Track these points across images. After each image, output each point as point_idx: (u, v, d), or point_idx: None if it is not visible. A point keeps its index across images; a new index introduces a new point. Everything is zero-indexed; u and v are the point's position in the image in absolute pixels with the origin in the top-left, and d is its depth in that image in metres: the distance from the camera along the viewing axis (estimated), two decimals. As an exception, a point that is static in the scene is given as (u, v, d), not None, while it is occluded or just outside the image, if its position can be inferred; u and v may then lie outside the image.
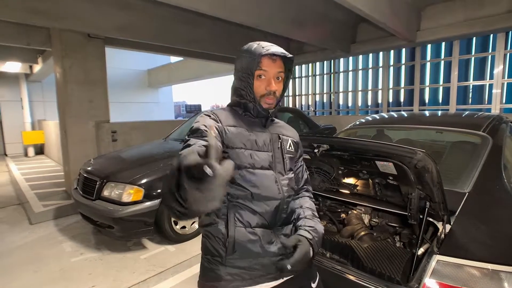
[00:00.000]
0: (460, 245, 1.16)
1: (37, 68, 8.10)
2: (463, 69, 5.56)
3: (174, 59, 11.98)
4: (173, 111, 15.78)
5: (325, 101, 7.90)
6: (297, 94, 8.37)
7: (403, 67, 6.40)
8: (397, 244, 1.51)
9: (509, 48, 4.96)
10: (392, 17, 4.18)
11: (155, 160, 3.21)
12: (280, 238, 0.95)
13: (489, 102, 5.31)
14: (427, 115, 2.95)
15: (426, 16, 5.11)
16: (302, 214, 1.05)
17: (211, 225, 0.91)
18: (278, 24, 4.40)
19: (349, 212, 1.79)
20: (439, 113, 3.26)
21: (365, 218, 1.74)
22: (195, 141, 0.84)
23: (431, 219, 1.32)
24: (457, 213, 1.29)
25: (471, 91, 5.67)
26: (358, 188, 1.73)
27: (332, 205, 1.91)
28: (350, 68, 7.23)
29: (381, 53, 6.52)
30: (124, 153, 3.71)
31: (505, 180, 1.48)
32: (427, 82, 6.09)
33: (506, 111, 5.12)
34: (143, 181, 2.79)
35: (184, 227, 3.05)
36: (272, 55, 0.94)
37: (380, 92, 6.72)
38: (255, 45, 0.95)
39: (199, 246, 1.00)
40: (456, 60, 5.47)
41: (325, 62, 7.58)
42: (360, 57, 6.88)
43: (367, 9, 3.55)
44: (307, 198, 1.13)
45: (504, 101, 5.14)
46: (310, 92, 8.07)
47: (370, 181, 1.64)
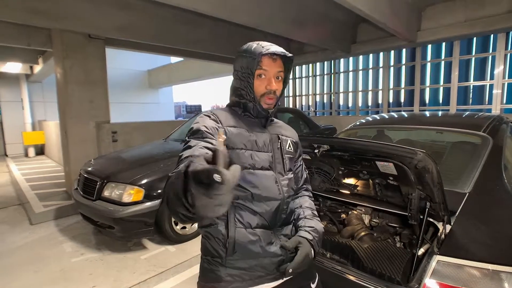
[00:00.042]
0: (460, 246, 1.16)
1: (37, 68, 8.11)
2: (464, 69, 5.55)
3: (175, 59, 12.00)
4: (173, 112, 15.80)
5: (325, 101, 7.90)
6: (297, 94, 8.37)
7: (403, 68, 6.40)
8: (398, 245, 1.51)
9: (509, 49, 4.96)
10: (392, 17, 4.18)
11: (155, 161, 3.22)
12: (280, 239, 0.95)
13: (490, 102, 5.31)
14: (428, 115, 2.94)
15: (426, 16, 5.11)
16: (302, 214, 1.05)
17: (211, 226, 0.91)
18: (278, 24, 4.40)
19: (349, 212, 1.79)
20: (440, 113, 3.26)
21: (366, 219, 1.73)
22: (195, 142, 0.84)
23: (431, 219, 1.32)
24: (457, 213, 1.29)
25: (471, 91, 5.66)
26: (358, 188, 1.73)
27: (332, 205, 1.91)
28: (351, 68, 7.23)
29: (381, 54, 6.52)
30: (124, 154, 3.71)
31: (505, 180, 1.48)
32: (428, 83, 6.09)
33: (506, 111, 5.12)
34: (144, 181, 2.79)
35: (184, 227, 3.05)
36: (272, 54, 0.94)
37: (380, 93, 6.72)
38: (254, 44, 0.95)
39: (199, 246, 0.99)
40: (456, 60, 5.47)
41: (325, 62, 7.58)
42: (361, 57, 6.88)
43: (367, 9, 3.55)
44: (307, 198, 1.13)
45: (504, 102, 5.14)
46: (310, 93, 8.07)
47: (371, 181, 1.64)
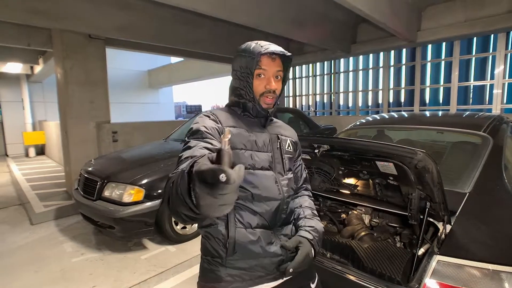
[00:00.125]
0: (460, 246, 1.15)
1: (38, 68, 8.12)
2: (464, 69, 5.55)
3: (175, 59, 12.00)
4: (173, 112, 15.80)
5: (325, 101, 7.90)
6: (298, 94, 8.37)
7: (403, 68, 6.40)
8: (398, 245, 1.51)
9: (509, 48, 4.96)
10: (392, 17, 4.18)
11: (155, 161, 3.22)
12: (280, 238, 0.95)
13: (490, 102, 5.31)
14: (428, 115, 2.94)
15: (426, 16, 5.10)
16: (302, 214, 1.05)
17: (211, 226, 0.91)
18: (278, 24, 4.40)
19: (349, 212, 1.79)
20: (440, 113, 3.26)
21: (366, 219, 1.73)
22: (195, 142, 0.83)
23: (431, 219, 1.32)
24: (457, 213, 1.29)
25: (471, 91, 5.66)
26: (358, 188, 1.73)
27: (332, 205, 1.91)
28: (351, 68, 7.23)
29: (381, 54, 6.51)
30: (124, 154, 3.71)
31: (505, 180, 1.48)
32: (428, 83, 6.09)
33: (507, 111, 5.12)
34: (144, 181, 2.79)
35: (184, 227, 3.05)
36: (271, 53, 0.93)
37: (380, 93, 6.71)
38: (253, 44, 0.95)
39: (199, 246, 0.99)
40: (456, 60, 5.46)
41: (325, 62, 7.58)
42: (361, 57, 6.88)
43: (367, 9, 3.55)
44: (306, 197, 1.14)
45: (505, 101, 5.14)
46: (310, 93, 8.07)
47: (371, 181, 1.64)
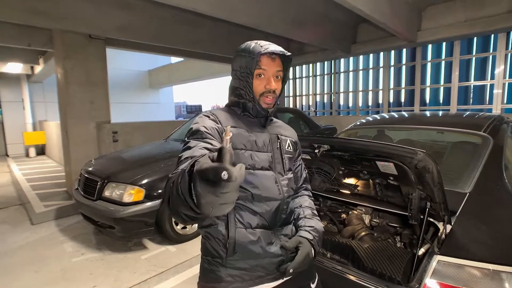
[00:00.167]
0: (461, 246, 1.15)
1: (38, 69, 8.12)
2: (464, 69, 5.55)
3: (175, 59, 12.00)
4: (173, 112, 15.80)
5: (325, 101, 7.90)
6: (298, 94, 8.37)
7: (403, 68, 6.39)
8: (398, 245, 1.51)
9: (510, 48, 4.95)
10: (392, 17, 4.17)
11: (156, 161, 3.22)
12: (280, 239, 0.95)
13: (490, 102, 5.30)
14: (428, 115, 2.94)
15: (426, 16, 5.10)
16: (301, 214, 1.05)
17: (211, 226, 0.90)
18: (278, 25, 4.40)
19: (349, 212, 1.79)
20: (440, 113, 3.26)
21: (366, 219, 1.73)
22: (195, 143, 0.83)
23: (431, 219, 1.32)
24: (457, 213, 1.29)
25: (472, 91, 5.65)
26: (358, 188, 1.73)
27: (332, 205, 1.90)
28: (351, 68, 7.23)
29: (381, 54, 6.51)
30: (125, 154, 3.71)
31: (506, 180, 1.48)
32: (428, 83, 6.08)
33: (507, 111, 5.11)
34: (144, 181, 2.79)
35: (184, 227, 3.05)
36: (271, 53, 0.93)
37: (380, 93, 6.71)
38: (253, 44, 0.94)
39: (199, 246, 0.99)
40: (457, 60, 5.46)
41: (325, 62, 7.58)
42: (361, 57, 6.88)
43: (367, 9, 3.55)
44: (306, 197, 1.13)
45: (505, 101, 5.13)
46: (310, 93, 8.07)
47: (371, 181, 1.64)
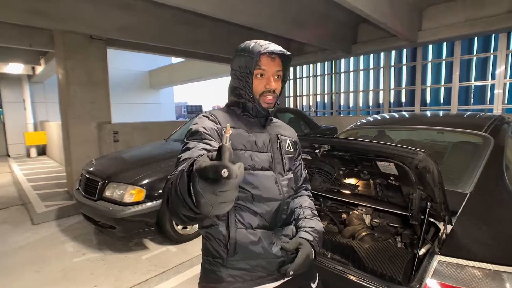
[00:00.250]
0: (461, 246, 1.15)
1: (39, 69, 8.14)
2: (465, 69, 5.54)
3: (175, 60, 12.01)
4: (174, 112, 15.79)
5: (326, 101, 7.90)
6: (298, 94, 8.37)
7: (404, 68, 6.39)
8: (398, 245, 1.51)
9: (511, 48, 4.95)
10: (392, 17, 4.17)
11: (156, 161, 3.23)
12: (281, 239, 0.95)
13: (491, 102, 5.29)
14: (429, 115, 2.94)
15: (427, 17, 5.10)
16: (302, 214, 1.05)
17: (211, 227, 0.90)
18: (278, 25, 4.40)
19: (350, 212, 1.79)
20: (441, 113, 3.26)
21: (366, 219, 1.73)
22: (194, 144, 0.83)
23: (432, 219, 1.32)
24: (458, 213, 1.29)
25: (472, 91, 5.65)
26: (359, 188, 1.73)
27: (333, 205, 1.91)
28: (351, 68, 7.23)
29: (382, 54, 6.50)
30: (125, 154, 3.72)
31: (507, 180, 1.48)
32: (429, 83, 6.07)
33: (508, 111, 5.10)
34: (145, 181, 2.79)
35: (185, 227, 3.06)
36: (271, 53, 0.92)
37: (381, 93, 6.70)
38: (252, 43, 0.93)
39: (200, 246, 0.99)
40: (457, 60, 5.45)
41: (326, 62, 7.58)
42: (361, 57, 6.87)
43: (367, 10, 3.55)
44: (306, 197, 1.13)
45: (506, 101, 5.12)
46: (311, 93, 8.07)
47: (371, 181, 1.64)
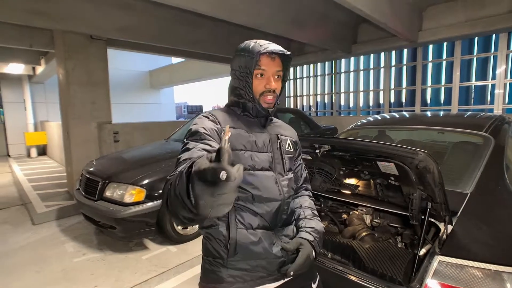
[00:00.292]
0: (462, 246, 1.15)
1: (40, 69, 8.15)
2: (465, 69, 5.54)
3: (176, 60, 12.01)
4: (174, 112, 15.80)
5: (326, 101, 7.89)
6: (298, 94, 8.37)
7: (404, 68, 6.38)
8: (399, 245, 1.51)
9: (511, 48, 4.94)
10: (393, 17, 4.17)
11: (156, 161, 3.23)
12: (281, 239, 0.95)
13: (492, 102, 5.29)
14: (429, 115, 2.94)
15: (427, 17, 5.10)
16: (302, 214, 1.05)
17: (211, 227, 0.90)
18: (278, 25, 4.40)
19: (350, 212, 1.79)
20: (441, 113, 3.26)
21: (367, 219, 1.73)
22: (194, 144, 0.83)
23: (432, 219, 1.31)
24: (459, 213, 1.29)
25: (473, 91, 5.64)
26: (359, 188, 1.73)
27: (333, 205, 1.90)
28: (352, 68, 7.22)
29: (382, 54, 6.50)
30: (126, 154, 3.72)
31: (507, 180, 1.48)
32: (429, 83, 6.07)
33: (508, 111, 5.10)
34: (145, 181, 2.79)
35: (185, 227, 3.06)
36: (270, 53, 0.92)
37: (381, 93, 6.70)
38: (252, 43, 0.93)
39: (200, 246, 0.99)
40: (458, 60, 5.45)
41: (326, 62, 7.57)
42: (362, 57, 6.87)
43: (367, 10, 3.55)
44: (306, 197, 1.13)
45: (506, 101, 5.12)
46: (311, 93, 8.07)
47: (372, 181, 1.64)
